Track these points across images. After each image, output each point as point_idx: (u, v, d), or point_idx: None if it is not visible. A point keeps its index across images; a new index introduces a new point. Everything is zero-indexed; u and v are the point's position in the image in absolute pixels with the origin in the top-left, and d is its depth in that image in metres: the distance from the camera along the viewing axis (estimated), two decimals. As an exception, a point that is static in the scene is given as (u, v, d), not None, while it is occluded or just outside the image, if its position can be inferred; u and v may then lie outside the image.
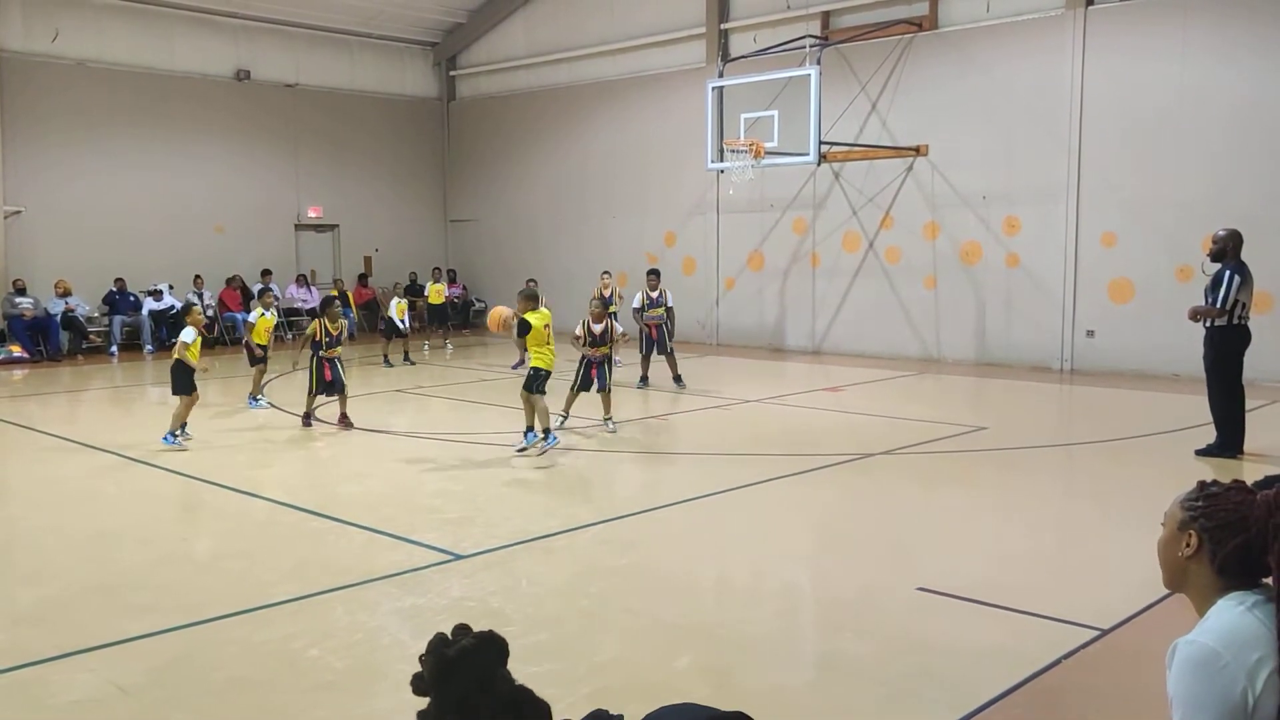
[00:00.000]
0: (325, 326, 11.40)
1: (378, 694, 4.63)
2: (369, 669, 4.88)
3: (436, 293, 20.05)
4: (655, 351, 14.18)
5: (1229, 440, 9.29)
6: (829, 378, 15.05)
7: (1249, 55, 13.79)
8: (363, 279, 22.85)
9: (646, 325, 14.18)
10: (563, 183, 22.26)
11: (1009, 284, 16.09)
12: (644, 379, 14.23)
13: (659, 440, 11.12)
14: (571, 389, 11.12)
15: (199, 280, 20.24)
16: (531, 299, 9.85)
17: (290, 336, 20.49)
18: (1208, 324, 9.30)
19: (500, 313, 9.86)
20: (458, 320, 23.60)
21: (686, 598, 5.93)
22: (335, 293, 15.23)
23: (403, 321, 17.08)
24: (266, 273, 20.99)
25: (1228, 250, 9.27)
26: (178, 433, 10.25)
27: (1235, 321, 9.18)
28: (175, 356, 10.43)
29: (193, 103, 20.52)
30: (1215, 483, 2.23)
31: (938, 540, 7.16)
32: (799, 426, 11.54)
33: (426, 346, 19.54)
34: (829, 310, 18.21)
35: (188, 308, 11.43)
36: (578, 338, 11.26)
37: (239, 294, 20.65)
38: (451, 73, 24.59)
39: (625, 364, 16.53)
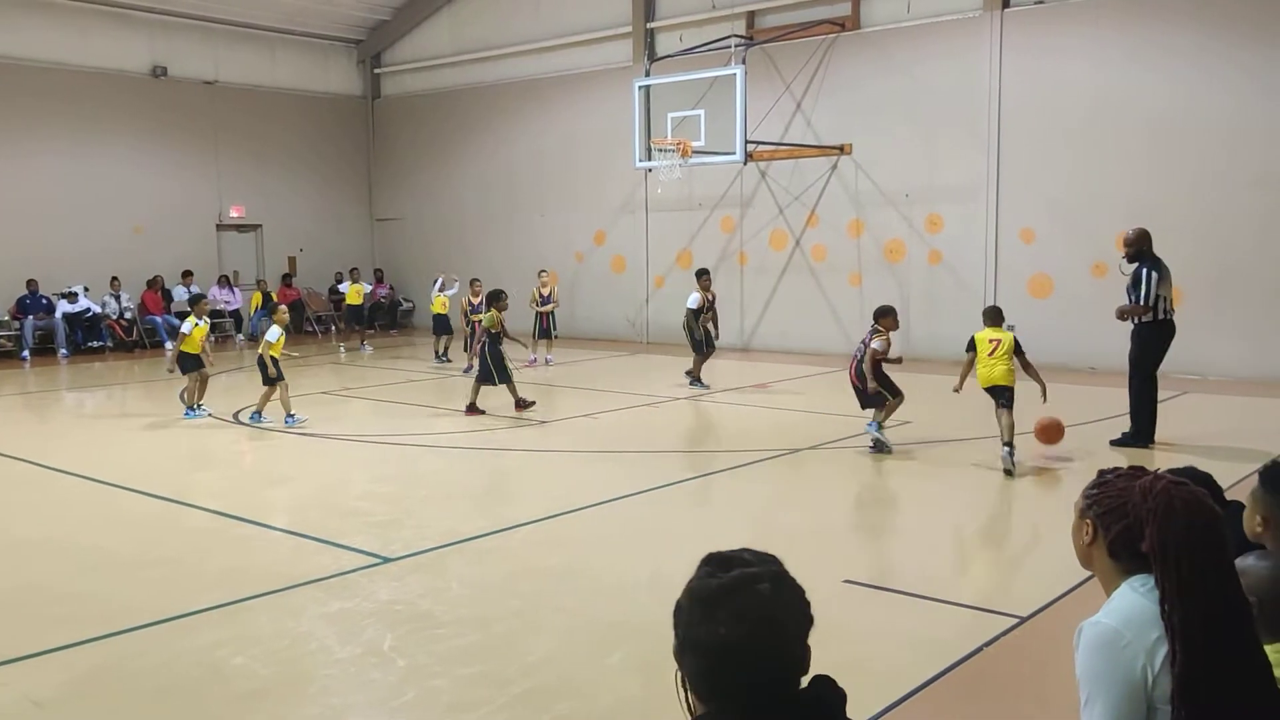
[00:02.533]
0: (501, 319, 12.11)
1: (305, 700, 4.58)
2: (296, 675, 4.81)
3: (355, 293, 19.78)
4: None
5: (1143, 430, 9.59)
6: (758, 374, 15.19)
7: (1160, 55, 14.23)
8: (287, 279, 22.47)
9: (703, 328, 13.86)
10: (490, 181, 22.13)
11: (932, 280, 16.40)
12: (699, 379, 13.87)
13: (590, 439, 11.12)
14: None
15: (115, 282, 19.71)
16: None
17: (213, 339, 20.04)
18: (1134, 321, 9.58)
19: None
20: (385, 320, 23.36)
21: (618, 595, 5.94)
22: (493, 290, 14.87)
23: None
24: (187, 274, 20.57)
25: (1143, 249, 9.56)
26: (293, 413, 11.36)
27: (1160, 317, 9.47)
28: (259, 352, 11.59)
29: (108, 99, 19.98)
30: (1114, 470, 2.31)
31: (863, 533, 7.28)
32: (728, 423, 11.64)
33: (343, 348, 19.25)
34: (757, 308, 18.38)
35: (274, 308, 12.62)
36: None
37: (160, 296, 20.16)
38: (376, 70, 24.29)
39: (559, 363, 16.51)
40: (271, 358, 11.38)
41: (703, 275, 14.25)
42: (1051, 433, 9.34)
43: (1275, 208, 13.62)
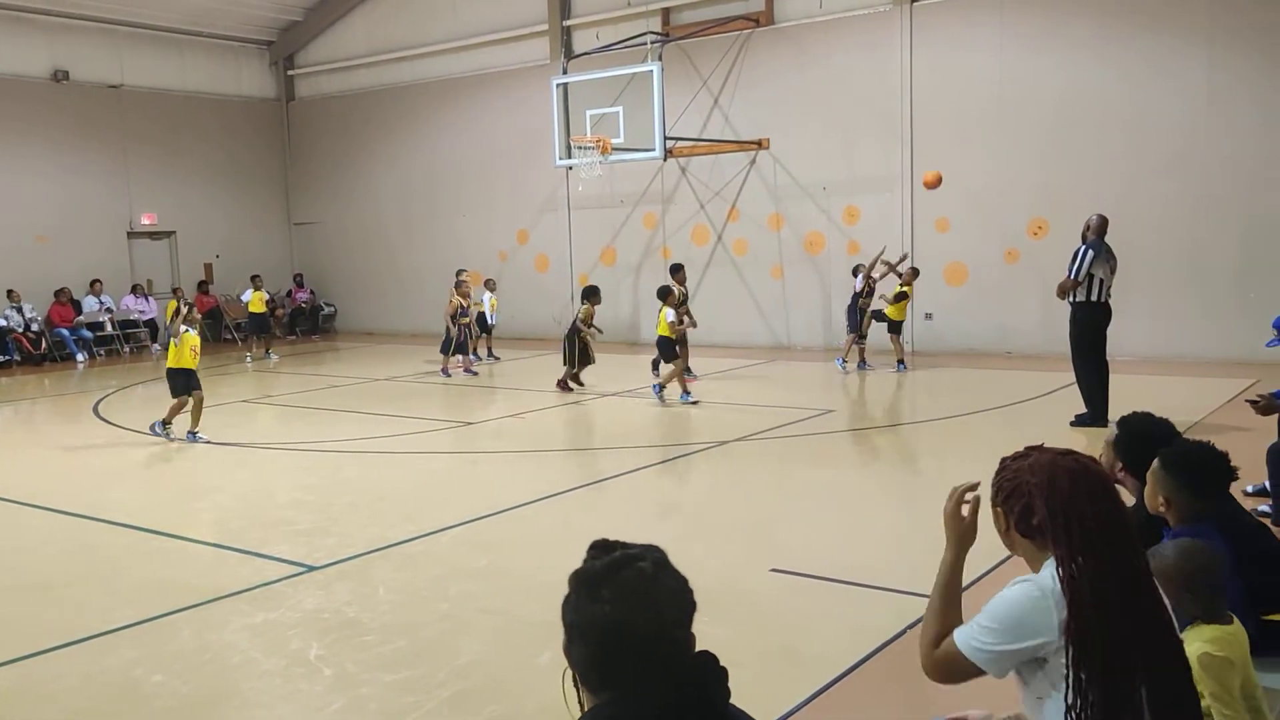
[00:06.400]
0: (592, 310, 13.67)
1: (229, 715, 4.48)
2: (218, 690, 4.71)
3: (257, 300, 18.84)
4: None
5: (1098, 411, 9.80)
6: (684, 369, 15.22)
7: (1063, 45, 14.62)
8: (203, 286, 21.96)
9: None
10: (410, 182, 21.89)
11: (851, 271, 16.62)
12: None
13: (516, 439, 11.06)
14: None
15: (14, 294, 18.97)
16: None
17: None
18: (1071, 300, 9.81)
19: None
20: (307, 326, 22.99)
21: (547, 594, 5.87)
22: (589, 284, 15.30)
23: (492, 316, 17.33)
24: (95, 283, 20.01)
25: (1090, 232, 9.81)
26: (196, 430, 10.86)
27: (1096, 299, 9.70)
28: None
29: (6, 105, 19.30)
30: (1013, 454, 2.37)
31: (790, 521, 7.36)
32: (656, 418, 11.67)
33: (249, 358, 18.79)
34: (682, 302, 18.42)
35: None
36: None
37: (70, 308, 19.55)
38: (290, 72, 23.85)
39: (483, 362, 16.38)
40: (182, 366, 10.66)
41: (677, 271, 14.43)
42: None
43: (1177, 193, 14.09)
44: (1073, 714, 2.10)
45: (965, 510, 2.36)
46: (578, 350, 13.47)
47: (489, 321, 17.25)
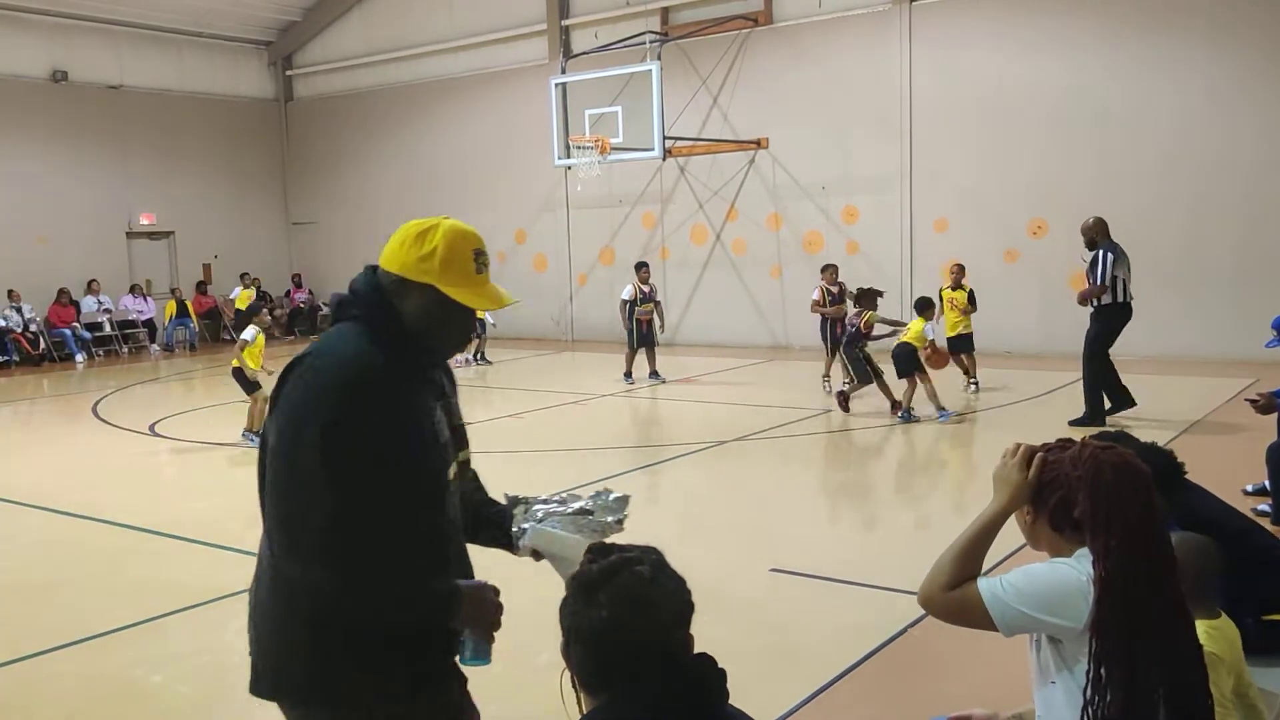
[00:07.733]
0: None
1: (226, 716, 4.48)
2: (218, 691, 4.70)
3: (245, 299, 18.98)
4: (646, 345, 13.81)
5: (1095, 411, 9.78)
6: (682, 369, 15.23)
7: (1062, 45, 14.62)
8: (201, 287, 21.95)
9: (639, 320, 13.71)
10: (408, 182, 21.87)
11: (850, 271, 16.51)
12: (629, 374, 13.77)
13: (515, 439, 11.05)
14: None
15: (14, 295, 18.98)
16: None
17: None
18: (1095, 303, 9.81)
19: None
20: (305, 326, 22.96)
21: (544, 594, 5.90)
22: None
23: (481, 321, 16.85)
24: (93, 282, 20.02)
25: (1097, 236, 9.81)
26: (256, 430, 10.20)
27: (1119, 300, 9.70)
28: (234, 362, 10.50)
29: (4, 106, 19.30)
30: (1043, 446, 2.35)
31: (789, 521, 7.35)
32: (654, 418, 11.68)
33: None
34: (680, 302, 18.44)
35: (255, 309, 11.56)
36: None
37: (70, 308, 19.53)
38: (288, 72, 23.84)
39: (497, 362, 16.39)
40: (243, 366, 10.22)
41: (642, 269, 14.25)
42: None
43: (1175, 192, 14.09)
44: (1089, 710, 2.10)
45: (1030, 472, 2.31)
46: (863, 364, 11.16)
47: (487, 322, 17.18)
